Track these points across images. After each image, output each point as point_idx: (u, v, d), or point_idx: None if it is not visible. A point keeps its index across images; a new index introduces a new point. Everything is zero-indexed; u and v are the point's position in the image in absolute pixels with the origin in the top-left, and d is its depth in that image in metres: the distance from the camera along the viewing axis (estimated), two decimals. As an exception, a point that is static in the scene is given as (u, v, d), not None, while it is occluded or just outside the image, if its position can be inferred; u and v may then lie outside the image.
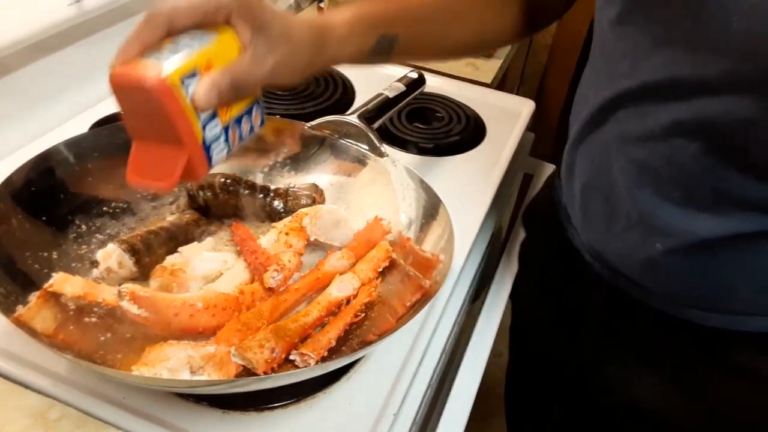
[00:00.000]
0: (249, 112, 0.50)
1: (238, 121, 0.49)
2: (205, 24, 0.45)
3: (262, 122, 0.52)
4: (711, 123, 0.44)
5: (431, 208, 0.65)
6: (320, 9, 1.23)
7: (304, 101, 0.94)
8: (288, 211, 0.66)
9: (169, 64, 0.41)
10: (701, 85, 0.44)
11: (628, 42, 0.50)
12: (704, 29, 0.42)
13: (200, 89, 0.43)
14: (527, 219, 0.83)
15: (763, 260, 0.49)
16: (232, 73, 0.44)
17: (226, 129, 0.47)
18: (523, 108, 1.00)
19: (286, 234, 0.62)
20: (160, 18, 0.43)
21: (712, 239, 0.48)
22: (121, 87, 0.43)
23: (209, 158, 0.46)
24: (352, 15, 0.55)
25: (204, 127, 0.45)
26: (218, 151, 0.47)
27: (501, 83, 1.28)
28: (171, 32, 0.44)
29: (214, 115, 0.45)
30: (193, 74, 0.43)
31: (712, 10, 0.41)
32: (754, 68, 0.41)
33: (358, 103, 0.95)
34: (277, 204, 0.66)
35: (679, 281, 0.53)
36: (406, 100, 0.77)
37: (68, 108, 0.84)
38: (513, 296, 0.79)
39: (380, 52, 0.57)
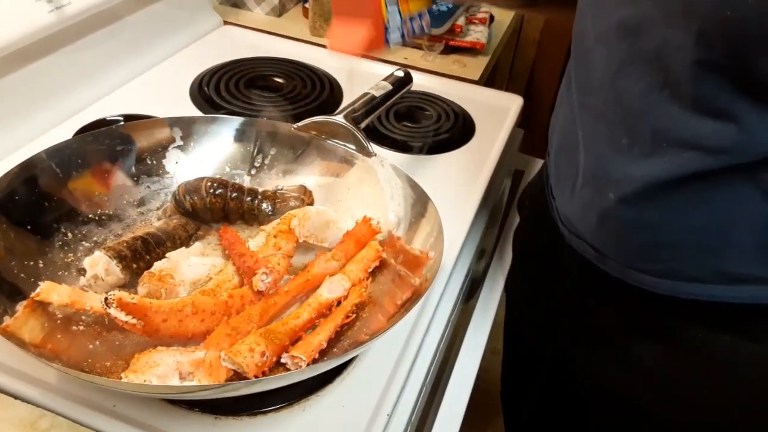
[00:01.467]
0: (422, 15, 0.64)
1: (412, 19, 0.63)
2: None
3: (431, 27, 0.70)
4: (653, 57, 0.47)
5: (420, 206, 0.65)
6: (305, 9, 1.23)
7: (291, 102, 0.93)
8: (276, 213, 0.66)
9: None
10: (639, 22, 0.47)
11: (592, 2, 0.54)
12: None
13: None
14: (521, 204, 0.83)
15: (699, 214, 0.49)
16: None
17: (402, 21, 0.62)
18: (512, 104, 1.00)
19: (275, 236, 0.62)
20: None
21: (655, 184, 0.49)
22: None
23: (387, 39, 0.60)
24: None
25: (388, 13, 0.59)
26: (394, 35, 0.61)
27: (490, 80, 1.27)
28: None
29: (396, 8, 0.60)
30: None
31: None
32: (666, 7, 0.44)
33: (345, 103, 0.94)
34: (265, 206, 0.66)
35: (629, 238, 0.54)
36: (393, 98, 0.77)
37: (53, 115, 0.83)
38: (507, 287, 0.79)
39: None
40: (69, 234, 0.61)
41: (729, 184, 0.47)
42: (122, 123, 0.79)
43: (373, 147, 0.70)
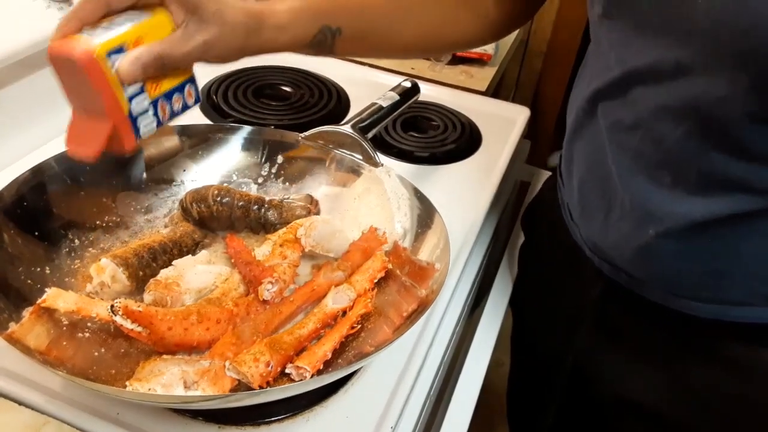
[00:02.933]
0: (181, 88, 0.53)
1: (168, 96, 0.52)
2: (141, 6, 0.49)
3: (197, 100, 0.55)
4: (692, 105, 0.45)
5: (426, 216, 0.65)
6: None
7: (298, 111, 0.94)
8: (283, 223, 0.66)
9: (98, 38, 0.45)
10: (679, 68, 0.45)
11: (614, 34, 0.51)
12: (675, 12, 0.44)
13: (124, 62, 0.46)
14: (526, 222, 0.83)
15: (751, 244, 0.49)
16: (157, 48, 0.48)
17: (154, 103, 0.50)
18: (519, 115, 1.00)
19: (281, 245, 0.62)
20: None
21: (701, 222, 0.49)
22: (55, 59, 0.47)
23: (136, 130, 0.50)
24: (296, 4, 0.56)
25: (131, 100, 0.48)
26: (146, 124, 0.51)
27: (496, 91, 1.28)
28: (110, 13, 0.47)
29: (141, 90, 0.49)
30: (119, 49, 0.46)
31: None
32: (719, 47, 0.41)
33: (352, 112, 0.94)
34: (272, 215, 0.66)
35: (671, 268, 0.54)
36: (401, 109, 0.77)
37: (61, 122, 0.83)
38: (513, 303, 0.79)
39: (321, 43, 0.59)
40: (76, 240, 0.62)
41: None
42: (130, 130, 0.79)
43: (380, 157, 0.70)
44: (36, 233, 0.59)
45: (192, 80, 0.54)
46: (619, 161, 0.54)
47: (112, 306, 0.50)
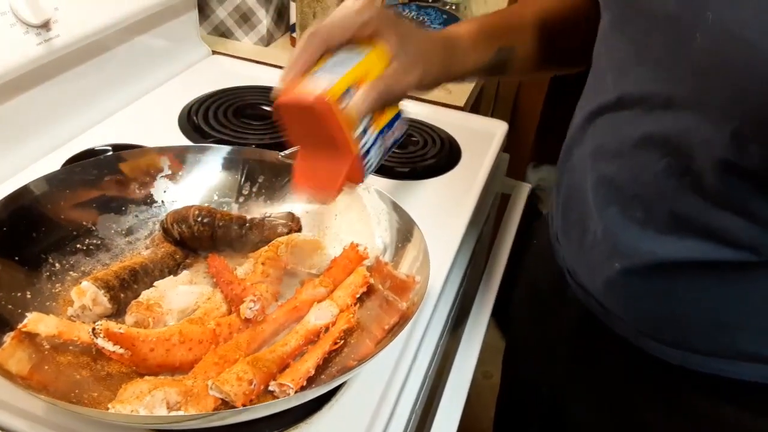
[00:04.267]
0: (393, 123, 0.55)
1: (383, 132, 0.54)
2: (356, 39, 0.50)
3: (405, 132, 0.58)
4: (675, 140, 0.44)
5: (405, 230, 0.65)
6: (293, 39, 1.25)
7: (279, 130, 0.94)
8: (264, 241, 0.66)
9: (328, 83, 0.47)
10: (669, 101, 0.44)
11: (614, 56, 0.51)
12: (674, 45, 0.42)
13: (354, 102, 0.48)
14: (529, 237, 0.82)
15: (715, 294, 0.48)
16: (381, 86, 0.50)
17: (375, 140, 0.53)
18: (497, 129, 1.01)
19: (263, 264, 0.62)
20: (317, 38, 0.48)
21: (666, 262, 0.48)
22: (285, 108, 0.50)
23: (366, 166, 0.53)
24: (474, 26, 0.59)
25: (360, 139, 0.51)
26: (372, 159, 0.54)
27: (476, 106, 1.29)
28: (328, 50, 0.49)
29: (366, 129, 0.51)
30: (348, 90, 0.49)
31: (680, 26, 0.41)
32: (712, 86, 0.40)
33: (333, 130, 0.95)
34: (253, 234, 0.66)
35: (636, 306, 0.53)
36: (380, 125, 0.78)
37: (41, 146, 0.83)
38: (506, 318, 0.79)
39: (500, 63, 0.61)
40: (57, 264, 0.62)
41: (747, 273, 0.45)
42: (111, 153, 0.79)
43: (360, 174, 0.71)
44: (16, 258, 0.59)
45: (400, 114, 0.57)
46: (596, 188, 0.53)
47: (93, 328, 0.50)
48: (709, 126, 0.41)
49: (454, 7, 1.30)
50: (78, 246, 0.64)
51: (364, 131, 0.51)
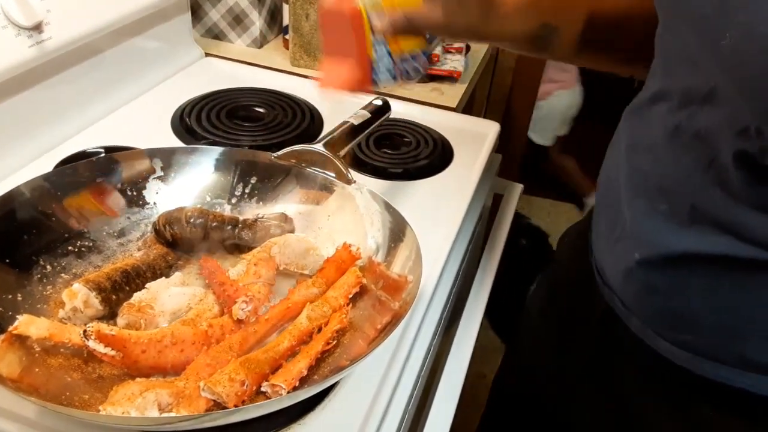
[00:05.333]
0: (415, 56, 0.63)
1: (405, 59, 0.62)
2: None
3: (425, 72, 0.68)
4: (704, 134, 0.46)
5: (398, 230, 0.65)
6: (285, 41, 1.25)
7: (272, 132, 0.94)
8: (257, 242, 0.66)
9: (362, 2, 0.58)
10: (702, 97, 0.46)
11: (660, 55, 0.52)
12: (708, 43, 0.43)
13: (378, 16, 0.57)
14: (560, 245, 0.82)
15: (727, 294, 0.47)
16: (407, 11, 0.57)
17: (393, 60, 0.61)
18: (489, 130, 1.01)
19: (255, 264, 0.62)
20: None
21: (684, 255, 0.48)
22: (325, 14, 0.61)
23: (375, 78, 0.61)
24: None
25: (376, 52, 0.59)
26: (383, 74, 0.61)
27: (468, 107, 1.29)
28: None
29: (385, 48, 0.60)
30: (379, 10, 0.58)
31: (712, 25, 0.41)
32: (741, 83, 0.41)
33: (325, 131, 0.95)
34: (246, 235, 0.66)
35: (650, 300, 0.53)
36: (372, 126, 0.78)
37: (33, 148, 0.83)
38: (500, 318, 0.79)
39: (542, 41, 0.61)
40: (48, 266, 0.61)
41: (760, 274, 0.45)
42: (103, 155, 0.79)
43: (354, 174, 0.71)
44: (7, 260, 0.58)
45: (426, 53, 0.64)
46: (628, 181, 0.55)
47: (84, 331, 0.50)
48: (734, 121, 0.43)
49: None
50: (69, 248, 0.64)
51: (382, 45, 0.59)
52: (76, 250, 0.64)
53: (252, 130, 0.94)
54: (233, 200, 0.73)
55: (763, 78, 0.38)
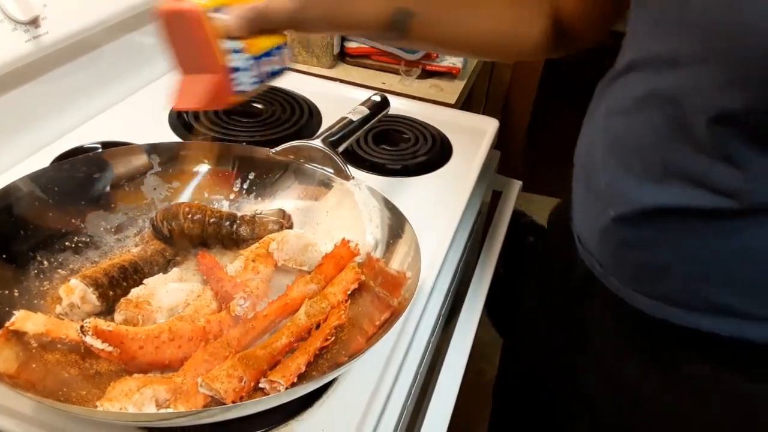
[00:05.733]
0: (276, 51, 0.59)
1: (266, 56, 0.57)
2: None
3: (286, 66, 0.61)
4: (673, 95, 0.49)
5: (397, 226, 0.65)
6: (284, 37, 1.24)
7: (270, 127, 0.94)
8: (255, 238, 0.66)
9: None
10: (673, 60, 0.48)
11: (632, 27, 0.55)
12: (677, 6, 0.47)
13: (224, 17, 0.52)
14: (548, 225, 0.85)
15: (696, 244, 0.51)
16: (258, 7, 0.53)
17: (251, 63, 0.56)
18: (488, 126, 1.01)
19: (253, 260, 0.62)
20: None
21: (656, 210, 0.52)
22: (164, 15, 0.54)
23: (236, 85, 0.55)
24: None
25: (231, 57, 0.54)
26: (245, 79, 0.56)
27: (467, 103, 1.29)
28: None
29: (241, 48, 0.54)
30: (219, 9, 0.52)
31: None
32: (708, 43, 0.44)
33: (324, 127, 0.95)
34: (244, 231, 0.66)
35: (625, 255, 0.56)
36: (371, 122, 0.77)
37: (30, 143, 0.83)
38: (499, 314, 0.81)
39: (398, 25, 0.61)
40: (45, 262, 0.61)
41: (727, 221, 0.48)
42: (100, 150, 0.79)
43: (352, 170, 0.71)
44: (3, 256, 0.58)
45: (283, 46, 0.59)
46: (604, 144, 0.57)
47: (81, 326, 0.50)
48: (703, 79, 0.45)
49: None
50: (66, 243, 0.63)
51: (238, 51, 0.54)
52: (73, 245, 0.64)
53: (250, 126, 0.94)
54: (231, 196, 0.73)
55: (728, 35, 0.41)
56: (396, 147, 0.95)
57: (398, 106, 1.01)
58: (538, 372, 0.79)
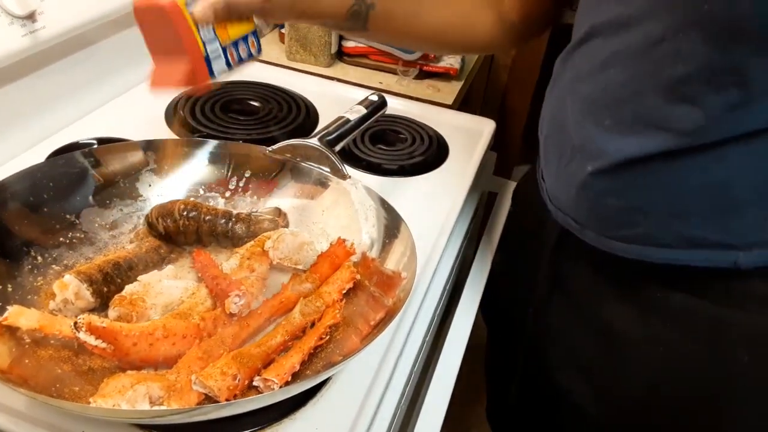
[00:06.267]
0: (245, 39, 0.64)
1: (236, 45, 0.63)
2: None
3: (259, 50, 0.67)
4: (633, 52, 0.53)
5: (393, 226, 0.65)
6: (281, 35, 1.24)
7: (267, 126, 0.94)
8: (251, 236, 0.66)
9: None
10: (625, 21, 0.53)
11: (582, 7, 0.61)
12: None
13: (199, 6, 0.57)
14: (514, 196, 0.89)
15: (666, 183, 0.55)
16: None
17: (224, 49, 0.61)
18: (485, 127, 1.01)
19: (249, 258, 0.62)
20: None
21: (631, 158, 0.55)
22: (141, 11, 0.58)
23: (210, 69, 0.60)
24: None
25: (205, 44, 0.59)
26: (218, 65, 0.61)
27: (464, 104, 1.29)
28: None
29: (215, 37, 0.60)
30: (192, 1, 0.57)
31: None
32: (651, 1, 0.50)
33: (321, 126, 0.95)
34: (240, 229, 0.66)
35: (603, 205, 0.60)
36: (368, 122, 0.78)
37: (25, 138, 0.82)
38: (491, 275, 0.83)
39: (357, 15, 0.67)
40: (39, 257, 0.61)
41: (691, 159, 0.53)
42: (95, 146, 0.78)
43: (349, 169, 0.71)
44: (-3, 251, 0.58)
45: (255, 33, 0.65)
46: (574, 109, 0.60)
47: (75, 322, 0.50)
48: (654, 32, 0.50)
49: None
50: (61, 239, 0.63)
51: (212, 40, 0.59)
52: (68, 241, 0.63)
53: (246, 124, 0.94)
54: (227, 194, 0.73)
55: None
56: (393, 147, 0.95)
57: (395, 106, 1.01)
58: (517, 330, 0.81)
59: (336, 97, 1.04)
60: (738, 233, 0.55)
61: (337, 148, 0.71)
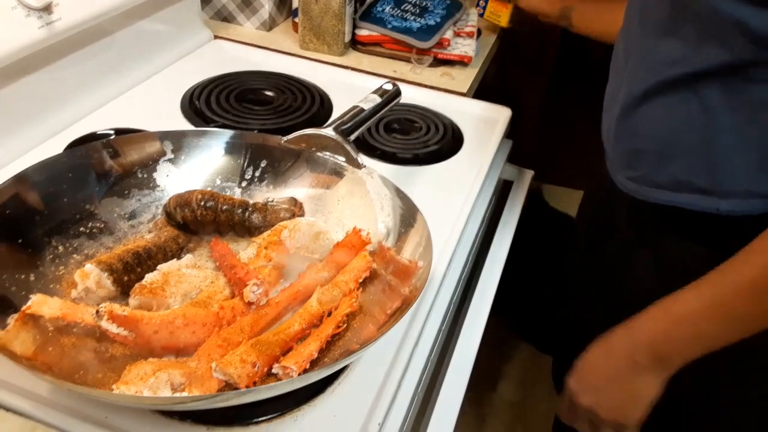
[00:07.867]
0: None
1: None
2: None
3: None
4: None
5: (408, 216, 0.65)
6: (294, 24, 1.24)
7: (282, 116, 0.94)
8: (267, 225, 0.66)
9: None
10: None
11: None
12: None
13: None
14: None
15: (659, 125, 0.63)
16: None
17: None
18: (500, 115, 1.01)
19: (266, 248, 0.62)
20: None
21: (633, 99, 0.65)
22: None
23: None
24: None
25: None
26: None
27: (479, 92, 1.29)
28: None
29: None
30: None
31: None
32: None
33: (335, 116, 0.95)
34: (256, 218, 0.66)
35: (619, 148, 0.70)
36: (382, 111, 0.77)
37: (44, 130, 0.83)
38: (506, 306, 0.87)
39: (564, 18, 1.00)
40: (60, 247, 0.62)
41: (678, 96, 0.61)
42: (113, 137, 0.79)
43: (363, 159, 0.71)
44: (20, 241, 0.59)
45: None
46: (614, 75, 0.73)
47: (97, 311, 0.51)
48: None
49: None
50: (81, 229, 0.64)
51: None
52: (88, 231, 0.64)
53: (261, 114, 0.94)
54: (243, 183, 0.73)
55: None
56: (407, 136, 0.95)
57: (410, 94, 1.01)
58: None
59: (350, 86, 1.04)
60: (718, 181, 0.61)
61: (352, 137, 0.71)
